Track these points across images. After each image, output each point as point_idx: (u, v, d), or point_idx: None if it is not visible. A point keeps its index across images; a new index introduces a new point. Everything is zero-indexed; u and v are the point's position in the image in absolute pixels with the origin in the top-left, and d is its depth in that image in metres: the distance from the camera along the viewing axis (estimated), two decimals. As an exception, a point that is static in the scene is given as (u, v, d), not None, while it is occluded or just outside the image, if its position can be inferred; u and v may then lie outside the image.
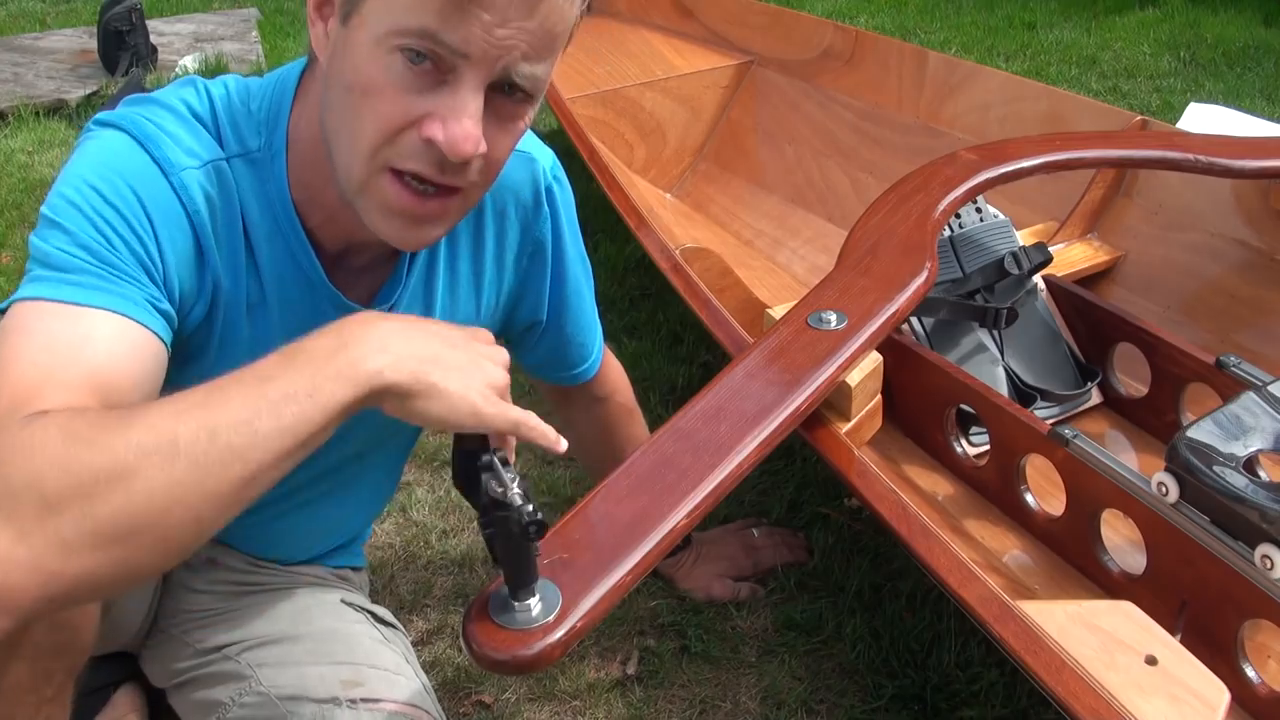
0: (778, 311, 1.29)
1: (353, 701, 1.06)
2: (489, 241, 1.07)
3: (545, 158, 1.08)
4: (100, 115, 0.90)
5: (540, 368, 1.27)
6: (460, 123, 0.78)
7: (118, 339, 0.78)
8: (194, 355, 0.93)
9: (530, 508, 0.71)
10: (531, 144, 1.07)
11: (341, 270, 0.97)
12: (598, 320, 1.26)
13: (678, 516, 0.88)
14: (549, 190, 1.08)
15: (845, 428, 1.14)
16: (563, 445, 0.82)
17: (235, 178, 0.91)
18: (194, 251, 0.89)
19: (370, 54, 0.79)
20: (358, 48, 0.80)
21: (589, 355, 1.26)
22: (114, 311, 0.79)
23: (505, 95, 0.81)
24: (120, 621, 1.18)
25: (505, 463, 0.75)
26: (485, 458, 0.75)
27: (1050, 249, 1.50)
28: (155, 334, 0.81)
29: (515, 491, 0.73)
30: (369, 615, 1.21)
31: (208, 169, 0.89)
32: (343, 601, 1.20)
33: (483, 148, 0.81)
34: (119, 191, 0.83)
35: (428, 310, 1.04)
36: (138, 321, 0.80)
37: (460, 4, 0.75)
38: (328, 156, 0.86)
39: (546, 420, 0.82)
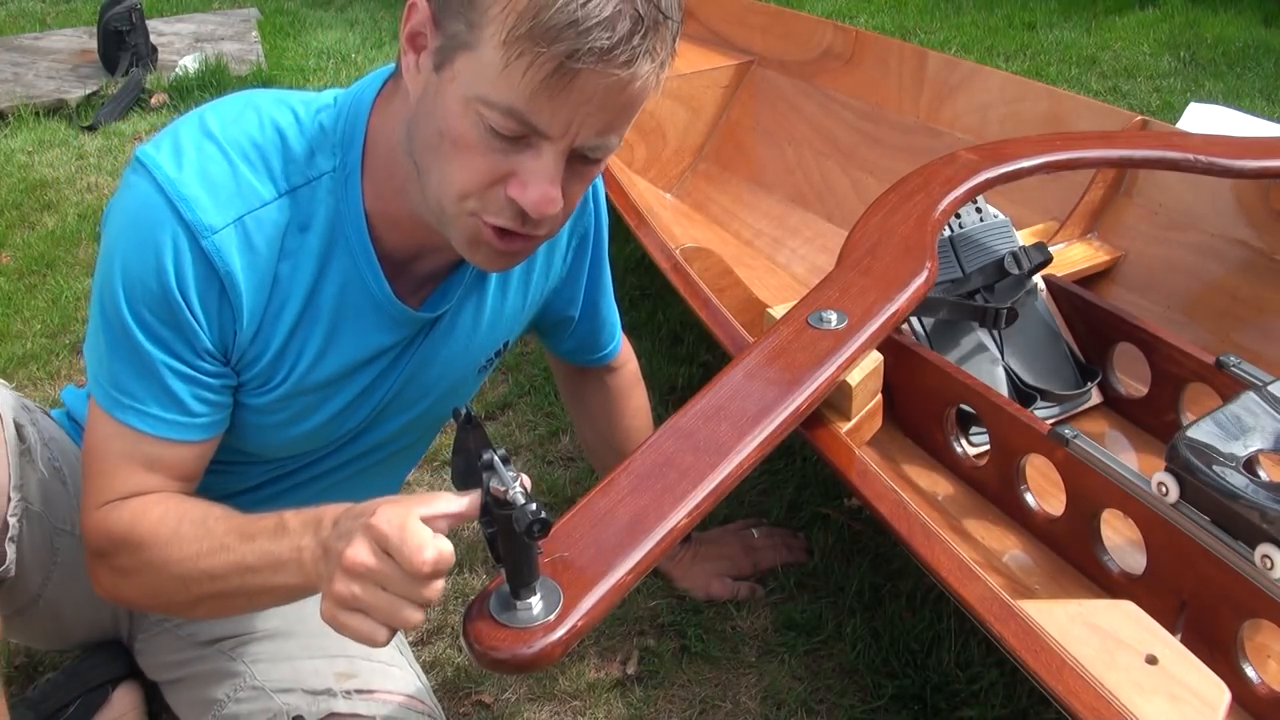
0: (778, 311, 1.29)
1: (348, 693, 1.07)
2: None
3: None
4: (147, 153, 0.92)
5: (574, 353, 1.34)
6: (542, 188, 0.83)
7: (159, 449, 0.96)
8: (268, 381, 1.00)
9: (534, 506, 0.71)
10: None
11: (405, 276, 1.01)
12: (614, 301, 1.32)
13: (678, 516, 0.88)
14: (594, 185, 1.15)
15: (845, 427, 1.14)
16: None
17: (294, 210, 0.94)
18: (230, 310, 0.93)
19: (460, 111, 0.82)
20: (448, 100, 0.83)
21: (615, 335, 1.34)
22: (153, 435, 0.95)
23: (583, 159, 0.85)
24: (102, 609, 1.21)
25: (506, 461, 0.75)
26: (486, 456, 0.76)
27: (1050, 249, 1.50)
28: (185, 440, 0.97)
29: (517, 490, 0.73)
30: None
31: (252, 218, 0.92)
32: None
33: (560, 205, 0.85)
34: (149, 289, 0.90)
35: (479, 308, 1.08)
36: (171, 439, 0.96)
37: (553, 93, 0.78)
38: (410, 169, 0.90)
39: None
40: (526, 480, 0.75)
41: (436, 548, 0.74)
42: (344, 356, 1.00)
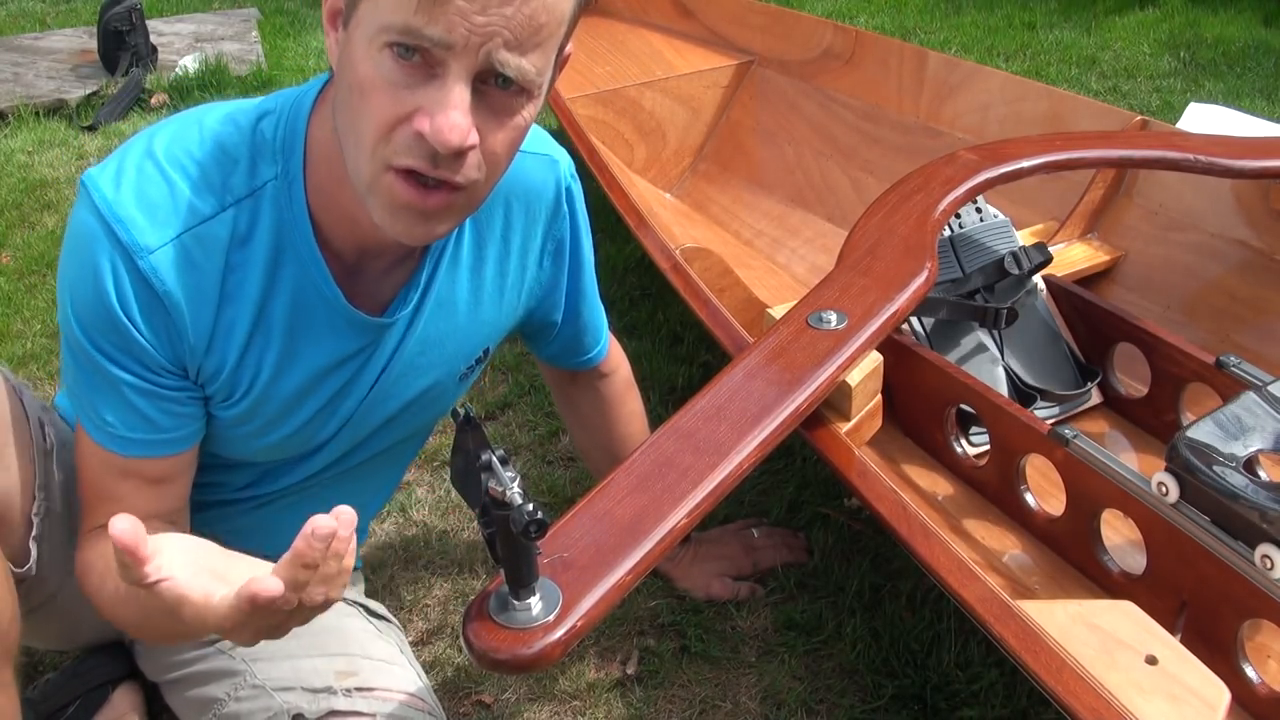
0: (778, 311, 1.29)
1: (348, 691, 1.07)
2: (515, 244, 1.10)
3: (564, 160, 1.12)
4: (91, 175, 0.91)
5: (558, 357, 1.33)
6: (446, 114, 0.79)
7: (139, 467, 0.98)
8: (231, 394, 0.99)
9: (530, 507, 0.71)
10: (550, 146, 1.10)
11: (360, 279, 0.99)
12: (601, 303, 1.30)
13: (678, 516, 0.88)
14: (568, 190, 1.12)
15: (845, 428, 1.14)
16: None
17: (237, 224, 0.92)
18: (176, 328, 0.93)
19: (365, 53, 0.80)
20: (355, 48, 0.81)
21: (599, 339, 1.32)
22: (127, 456, 0.96)
23: (497, 88, 0.81)
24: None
25: (505, 462, 0.75)
26: (485, 457, 0.75)
27: (1050, 249, 1.50)
28: (160, 456, 0.98)
29: (515, 491, 0.73)
30: (361, 609, 1.22)
31: (191, 235, 0.91)
32: None
33: (473, 139, 0.81)
34: (96, 312, 0.91)
35: (451, 316, 1.07)
36: (147, 457, 0.97)
37: None
38: (342, 157, 0.88)
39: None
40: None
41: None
42: (305, 365, 1.00)
